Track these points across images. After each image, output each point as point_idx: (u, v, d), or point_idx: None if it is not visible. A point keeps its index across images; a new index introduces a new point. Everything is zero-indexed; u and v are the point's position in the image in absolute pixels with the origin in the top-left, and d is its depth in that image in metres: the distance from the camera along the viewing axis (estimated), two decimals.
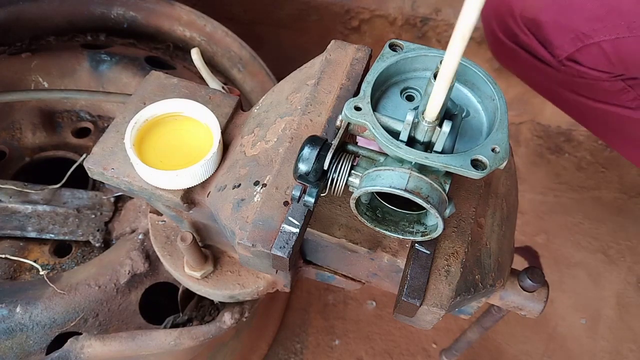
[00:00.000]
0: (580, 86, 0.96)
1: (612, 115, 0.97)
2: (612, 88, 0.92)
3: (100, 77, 1.06)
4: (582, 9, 0.84)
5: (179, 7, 1.17)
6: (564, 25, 0.87)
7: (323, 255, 0.63)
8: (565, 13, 0.86)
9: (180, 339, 0.76)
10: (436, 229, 0.50)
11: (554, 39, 0.90)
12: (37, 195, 0.94)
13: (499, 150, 0.45)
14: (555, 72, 0.95)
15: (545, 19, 0.88)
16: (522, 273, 0.62)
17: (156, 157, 0.61)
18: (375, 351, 1.25)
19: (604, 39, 0.83)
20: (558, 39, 0.89)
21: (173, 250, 0.75)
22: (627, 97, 0.92)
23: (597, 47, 0.85)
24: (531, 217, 1.48)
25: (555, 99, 1.08)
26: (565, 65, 0.92)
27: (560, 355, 1.28)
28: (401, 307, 0.53)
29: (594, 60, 0.88)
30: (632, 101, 0.93)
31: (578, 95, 0.99)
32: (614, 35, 0.82)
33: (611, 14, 0.81)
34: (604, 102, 0.96)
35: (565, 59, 0.91)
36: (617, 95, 0.93)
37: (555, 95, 1.06)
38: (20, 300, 0.80)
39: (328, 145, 0.49)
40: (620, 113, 0.95)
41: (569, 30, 0.87)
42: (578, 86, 0.96)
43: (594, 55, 0.87)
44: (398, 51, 0.52)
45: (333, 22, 1.53)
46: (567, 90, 1.00)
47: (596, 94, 0.96)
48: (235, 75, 1.16)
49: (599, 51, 0.86)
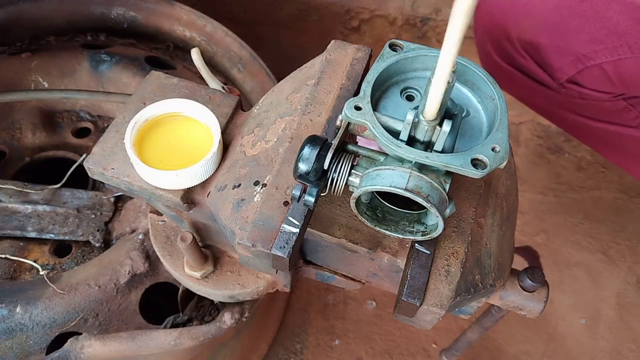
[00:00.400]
0: (581, 107, 0.95)
1: (613, 134, 0.96)
2: (613, 108, 0.90)
3: (100, 77, 1.06)
4: (581, 32, 0.82)
5: (179, 7, 1.17)
6: (564, 48, 0.85)
7: (323, 255, 0.63)
8: (564, 36, 0.84)
9: (180, 339, 0.76)
10: (436, 229, 0.50)
11: (553, 62, 0.88)
12: (37, 195, 0.94)
13: (499, 150, 0.45)
14: (555, 94, 0.93)
15: (543, 41, 0.87)
16: (522, 273, 0.62)
17: (156, 157, 0.61)
18: (375, 351, 1.25)
19: (605, 60, 0.82)
20: (558, 61, 0.88)
21: (173, 250, 0.75)
22: (628, 116, 0.91)
23: (599, 68, 0.84)
24: (531, 217, 1.48)
25: (556, 120, 1.07)
26: (565, 88, 0.91)
27: (560, 355, 1.28)
28: (401, 307, 0.53)
29: (595, 82, 0.87)
30: (633, 119, 0.91)
31: (579, 115, 0.97)
32: (616, 56, 0.80)
33: (611, 36, 0.79)
34: (605, 122, 0.95)
35: (565, 82, 0.90)
36: (619, 114, 0.91)
37: (556, 115, 1.04)
38: (20, 300, 0.80)
39: (328, 145, 0.49)
40: (621, 132, 0.94)
41: (568, 53, 0.85)
42: (579, 107, 0.95)
43: (595, 77, 0.86)
44: (398, 51, 0.52)
45: (333, 22, 1.53)
46: (567, 111, 0.99)
47: (597, 114, 0.94)
48: (235, 75, 1.16)
49: (601, 72, 0.84)
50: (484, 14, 0.95)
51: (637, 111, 0.90)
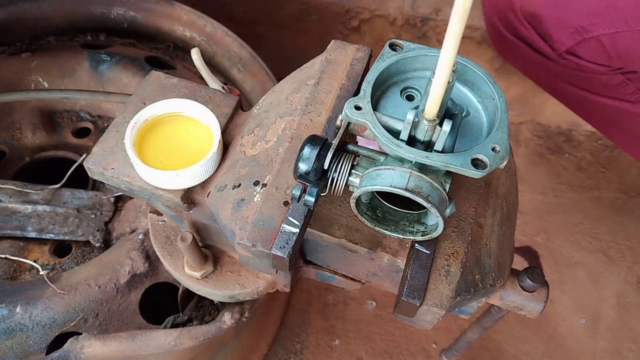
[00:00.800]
0: (580, 79, 0.97)
1: (611, 109, 0.98)
2: (611, 81, 0.93)
3: (100, 77, 1.06)
4: (581, 4, 0.85)
5: (179, 7, 1.17)
6: (563, 19, 0.88)
7: (323, 255, 0.63)
8: (564, 8, 0.88)
9: (180, 339, 0.76)
10: (436, 229, 0.50)
11: (553, 33, 0.91)
12: (37, 195, 0.94)
13: (499, 150, 0.45)
14: (555, 65, 0.96)
15: (545, 13, 0.90)
16: (522, 273, 0.62)
17: (156, 157, 0.61)
18: (375, 351, 1.25)
19: (602, 33, 0.85)
20: (557, 33, 0.91)
21: (173, 250, 0.75)
22: (626, 91, 0.93)
23: (596, 41, 0.87)
24: (531, 217, 1.48)
25: (556, 93, 1.09)
26: (564, 59, 0.94)
27: (560, 355, 1.28)
28: (401, 307, 0.53)
29: (593, 54, 0.90)
30: (631, 95, 0.94)
31: (578, 88, 0.99)
32: (613, 29, 0.83)
33: (609, 10, 0.82)
34: (603, 96, 0.97)
35: (564, 52, 0.93)
36: (617, 88, 0.93)
37: (556, 88, 1.07)
38: (20, 300, 0.80)
39: (328, 145, 0.49)
40: (619, 107, 0.96)
41: (568, 25, 0.88)
42: (578, 79, 0.97)
43: (592, 49, 0.89)
44: (398, 51, 0.52)
45: (333, 22, 1.53)
46: (567, 84, 1.01)
47: (596, 87, 0.97)
48: (235, 75, 1.16)
49: (598, 45, 0.87)
50: None
51: (634, 86, 0.92)
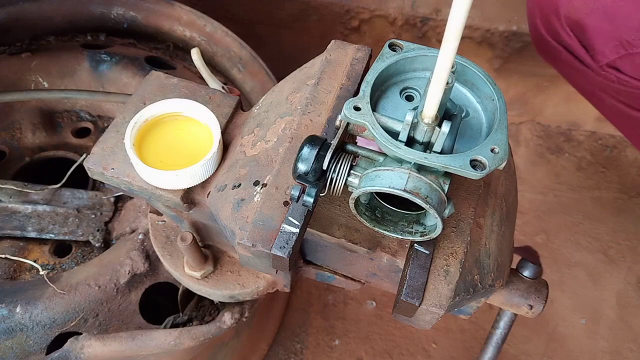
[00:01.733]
0: (619, 92, 0.94)
1: None
2: None
3: (100, 77, 1.06)
4: (629, 17, 0.82)
5: (179, 7, 1.17)
6: (609, 31, 0.85)
7: (323, 255, 0.64)
8: (611, 19, 0.84)
9: (180, 339, 0.76)
10: (435, 229, 0.50)
11: (596, 44, 0.88)
12: (37, 195, 0.94)
13: (498, 151, 0.45)
14: (595, 75, 0.93)
15: (589, 22, 0.87)
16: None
17: (156, 157, 0.61)
18: (375, 351, 1.25)
19: None
20: (601, 44, 0.87)
21: (173, 250, 0.75)
22: None
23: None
24: (531, 217, 1.48)
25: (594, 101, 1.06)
26: (605, 71, 0.91)
27: (560, 355, 1.28)
28: (400, 307, 0.53)
29: (635, 70, 0.87)
30: None
31: (617, 101, 0.97)
32: None
33: None
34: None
35: (605, 65, 0.90)
36: None
37: (594, 97, 1.04)
38: (20, 300, 0.80)
39: (327, 145, 0.49)
40: None
41: (613, 37, 0.85)
42: (617, 92, 0.94)
43: (636, 65, 0.85)
44: (398, 51, 0.52)
45: (333, 22, 1.53)
46: (606, 95, 0.98)
47: (635, 102, 0.94)
48: (235, 75, 1.16)
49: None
50: None
51: None
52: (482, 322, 1.27)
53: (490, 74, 0.51)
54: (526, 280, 0.64)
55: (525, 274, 0.64)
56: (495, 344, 0.72)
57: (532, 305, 0.63)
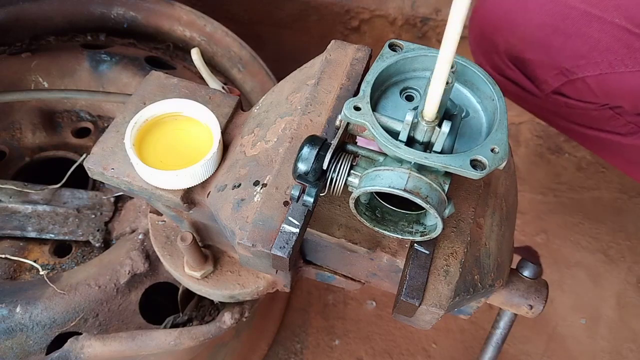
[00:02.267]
0: (570, 114, 0.98)
1: (605, 141, 0.98)
2: (601, 116, 0.93)
3: (100, 77, 1.06)
4: (564, 48, 0.85)
5: (179, 7, 1.17)
6: (548, 62, 0.88)
7: (323, 255, 0.64)
8: (548, 52, 0.87)
9: (180, 339, 0.76)
10: (435, 229, 0.50)
11: (539, 75, 0.92)
12: (37, 195, 0.94)
13: (498, 151, 0.45)
14: (544, 102, 0.97)
15: (529, 56, 0.90)
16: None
17: (156, 157, 0.61)
18: (375, 351, 1.25)
19: (587, 74, 0.85)
20: (543, 74, 0.91)
21: (173, 250, 0.75)
22: (617, 124, 0.93)
23: (582, 81, 0.87)
24: (531, 217, 1.48)
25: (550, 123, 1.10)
26: (552, 98, 0.94)
27: (560, 355, 1.28)
28: (400, 307, 0.53)
29: (579, 93, 0.90)
30: (622, 127, 0.93)
31: (569, 122, 1.00)
32: (598, 71, 0.83)
33: (592, 52, 0.82)
34: (595, 129, 0.97)
35: (551, 93, 0.93)
36: (608, 122, 0.94)
37: (549, 120, 1.08)
38: (20, 300, 0.80)
39: (327, 145, 0.49)
40: (612, 139, 0.96)
41: (553, 67, 0.88)
42: (568, 114, 0.98)
43: (579, 89, 0.89)
44: (398, 51, 0.52)
45: (333, 22, 1.53)
46: (559, 118, 1.02)
47: (587, 121, 0.97)
48: (235, 75, 1.16)
49: (584, 85, 0.87)
50: (475, 28, 0.99)
51: (624, 119, 0.92)
52: (482, 322, 1.27)
53: None
54: (526, 280, 0.64)
55: (525, 274, 0.64)
56: (495, 344, 0.72)
57: (532, 305, 0.63)
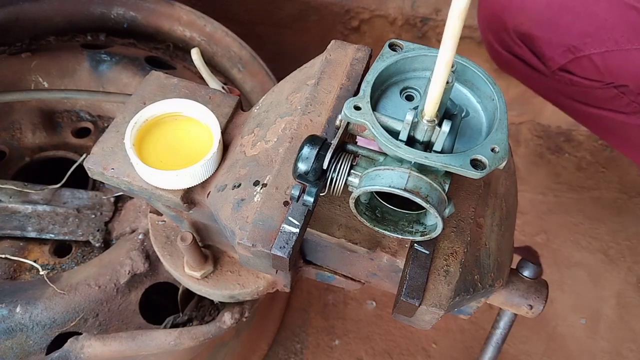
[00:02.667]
0: (574, 93, 1.00)
1: (607, 119, 1.01)
2: (605, 95, 0.95)
3: (100, 77, 1.06)
4: (571, 25, 0.88)
5: (179, 7, 1.17)
6: (555, 40, 0.91)
7: (323, 255, 0.63)
8: (555, 29, 0.90)
9: (180, 339, 0.76)
10: (435, 229, 0.50)
11: (546, 52, 0.94)
12: (37, 195, 0.94)
13: (498, 150, 0.45)
14: (549, 79, 0.99)
15: (536, 33, 0.92)
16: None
17: (156, 157, 0.61)
18: (375, 351, 1.25)
19: (593, 52, 0.87)
20: (550, 52, 0.93)
21: (173, 250, 0.75)
22: (620, 103, 0.95)
23: (588, 59, 0.89)
24: (531, 217, 1.48)
25: (554, 102, 1.12)
26: (557, 75, 0.96)
27: (560, 355, 1.28)
28: (400, 307, 0.53)
29: (585, 71, 0.92)
30: (626, 106, 0.96)
31: (573, 100, 1.02)
32: (603, 48, 0.86)
33: (599, 30, 0.85)
34: (599, 108, 0.99)
35: (557, 70, 0.95)
36: (611, 101, 0.96)
37: (553, 99, 1.10)
38: (20, 300, 0.80)
39: (327, 145, 0.49)
40: (615, 118, 0.98)
41: (560, 44, 0.91)
42: (573, 93, 1.00)
43: (584, 67, 0.91)
44: (398, 51, 0.52)
45: (333, 22, 1.53)
46: (563, 96, 1.04)
47: (591, 99, 0.99)
48: (235, 75, 1.16)
49: (590, 63, 0.90)
50: (485, 7, 1.01)
51: (628, 98, 0.94)
52: (482, 322, 1.27)
53: (490, 74, 0.51)
54: (526, 280, 0.64)
55: (525, 274, 0.64)
56: (495, 344, 0.72)
57: (532, 305, 0.63)
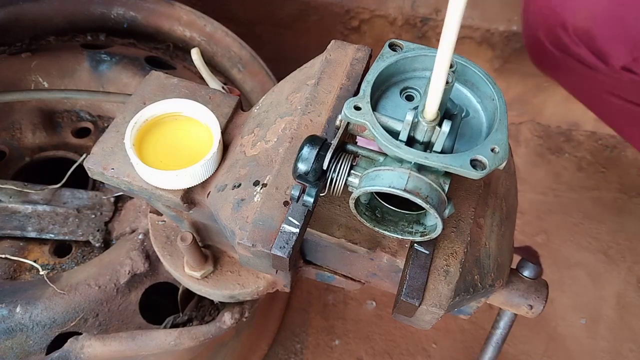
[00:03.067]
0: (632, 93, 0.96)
1: None
2: None
3: (100, 77, 1.06)
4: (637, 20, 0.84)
5: (179, 7, 1.17)
6: (620, 35, 0.87)
7: (323, 255, 0.63)
8: (620, 24, 0.86)
9: (180, 339, 0.76)
10: (435, 229, 0.50)
11: (608, 49, 0.90)
12: (37, 195, 0.94)
13: (498, 151, 0.45)
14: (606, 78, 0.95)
15: (599, 30, 0.88)
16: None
17: (156, 157, 0.61)
18: (375, 351, 1.25)
19: None
20: (613, 48, 0.89)
21: (173, 250, 0.75)
22: None
23: None
24: (531, 217, 1.48)
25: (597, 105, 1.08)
26: (618, 74, 0.93)
27: (560, 356, 1.28)
28: (400, 307, 0.53)
29: None
30: None
31: (626, 101, 0.98)
32: None
33: None
34: None
35: (620, 68, 0.91)
36: None
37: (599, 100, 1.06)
38: (20, 300, 0.80)
39: (327, 145, 0.49)
40: None
41: (625, 41, 0.87)
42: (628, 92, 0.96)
43: None
44: (398, 51, 0.52)
45: (333, 22, 1.53)
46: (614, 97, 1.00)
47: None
48: (235, 75, 1.16)
49: None
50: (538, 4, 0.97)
51: None
52: (482, 322, 1.27)
53: (491, 74, 0.51)
54: (526, 280, 0.64)
55: (525, 274, 0.64)
56: (495, 344, 0.72)
57: (532, 305, 0.63)
